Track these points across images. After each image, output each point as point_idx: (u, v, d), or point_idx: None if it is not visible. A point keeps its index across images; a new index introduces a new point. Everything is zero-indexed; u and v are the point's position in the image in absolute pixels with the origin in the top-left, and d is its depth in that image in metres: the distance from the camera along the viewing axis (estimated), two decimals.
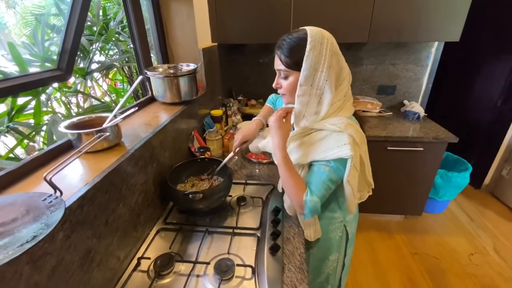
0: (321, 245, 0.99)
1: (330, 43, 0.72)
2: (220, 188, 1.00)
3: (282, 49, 0.75)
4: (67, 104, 1.63)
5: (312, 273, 1.06)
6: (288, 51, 0.74)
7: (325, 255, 1.01)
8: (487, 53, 2.43)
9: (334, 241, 0.98)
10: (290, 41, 0.74)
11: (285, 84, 0.79)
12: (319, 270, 1.05)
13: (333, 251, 1.00)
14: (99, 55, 1.85)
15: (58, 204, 0.54)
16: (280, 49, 0.76)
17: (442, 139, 1.77)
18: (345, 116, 0.78)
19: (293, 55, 0.73)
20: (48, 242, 0.53)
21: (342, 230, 0.97)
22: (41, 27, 1.50)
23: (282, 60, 0.75)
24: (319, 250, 1.01)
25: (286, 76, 0.78)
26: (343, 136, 0.73)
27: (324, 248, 1.00)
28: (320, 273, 1.05)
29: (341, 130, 0.73)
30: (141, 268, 0.81)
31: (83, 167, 0.74)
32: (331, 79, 0.73)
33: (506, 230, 2.16)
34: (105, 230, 0.70)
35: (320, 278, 1.06)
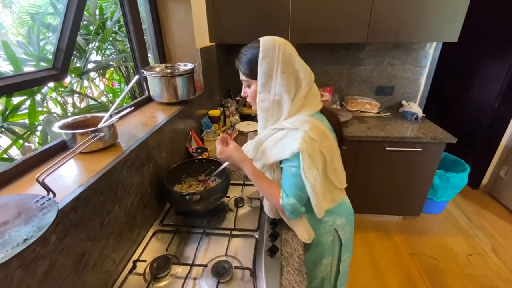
0: (313, 248, 0.98)
1: (282, 49, 0.76)
2: (218, 189, 0.99)
3: (240, 61, 0.82)
4: (63, 104, 1.61)
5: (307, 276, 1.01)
6: (245, 63, 0.81)
7: (317, 259, 1.00)
8: (484, 54, 2.44)
9: (325, 245, 0.97)
10: (246, 53, 0.81)
11: (249, 92, 0.85)
12: (312, 274, 1.04)
13: (325, 255, 0.99)
14: (95, 54, 1.83)
15: (51, 206, 0.53)
16: (239, 61, 0.83)
17: (440, 139, 1.76)
18: (307, 113, 0.80)
19: (249, 65, 0.79)
20: (40, 245, 0.52)
21: (333, 234, 0.95)
22: (37, 26, 1.49)
23: (241, 71, 0.83)
24: (311, 253, 1.00)
25: (248, 85, 0.84)
26: (297, 133, 0.75)
27: (316, 251, 0.98)
28: (314, 277, 1.04)
29: (296, 128, 0.76)
30: (137, 271, 0.79)
31: (77, 168, 0.72)
32: (287, 84, 0.76)
33: (504, 230, 2.17)
34: (100, 232, 0.69)
35: (315, 283, 1.05)
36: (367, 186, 1.99)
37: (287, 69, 0.76)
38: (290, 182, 0.78)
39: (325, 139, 0.79)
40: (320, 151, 0.76)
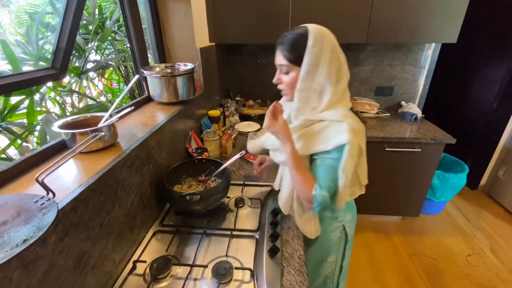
0: (320, 246, 0.98)
1: (331, 39, 0.74)
2: (218, 189, 0.98)
3: (284, 45, 0.76)
4: (61, 104, 1.60)
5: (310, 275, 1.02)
6: (290, 47, 0.75)
7: (323, 256, 1.01)
8: (483, 55, 2.45)
9: (332, 242, 0.98)
10: (292, 37, 0.76)
11: (286, 79, 0.79)
12: (317, 272, 1.04)
13: (331, 253, 1.00)
14: (94, 54, 1.82)
15: (51, 206, 0.53)
16: (282, 44, 0.77)
17: (439, 140, 1.77)
18: (345, 108, 0.79)
19: (295, 51, 0.74)
20: (40, 245, 0.51)
21: (341, 231, 0.97)
22: (35, 25, 1.48)
23: (284, 56, 0.76)
24: (317, 251, 1.00)
25: (287, 72, 0.78)
26: (342, 125, 0.73)
27: (323, 249, 0.99)
28: (317, 276, 1.04)
29: (339, 120, 0.74)
30: (137, 272, 0.79)
31: (77, 168, 0.72)
32: (331, 75, 0.74)
33: (502, 231, 2.17)
34: (100, 232, 0.68)
35: (318, 281, 1.05)
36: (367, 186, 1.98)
37: (333, 59, 0.74)
38: (326, 175, 0.76)
39: (363, 134, 0.77)
40: (360, 146, 0.74)
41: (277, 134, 0.77)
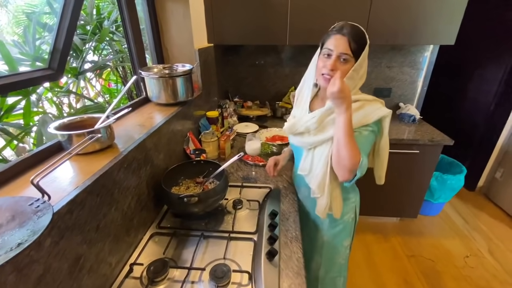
0: (335, 232, 1.06)
1: None
2: (216, 191, 0.98)
3: (353, 35, 0.80)
4: (58, 105, 1.59)
5: (325, 266, 1.11)
6: (357, 41, 0.81)
7: (338, 242, 1.08)
8: (481, 57, 2.47)
9: (347, 223, 1.05)
10: (359, 30, 0.82)
11: (342, 68, 0.82)
12: (332, 261, 1.10)
13: (346, 236, 1.07)
14: (92, 54, 1.82)
15: (46, 209, 0.52)
16: (350, 35, 0.80)
17: (437, 141, 1.77)
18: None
19: (360, 44, 0.81)
20: (35, 249, 0.50)
21: (354, 212, 1.05)
22: (33, 25, 1.47)
23: (351, 46, 0.81)
24: (333, 238, 1.07)
25: (346, 60, 0.82)
26: (377, 103, 0.88)
27: (338, 234, 1.06)
28: (333, 264, 1.11)
29: (371, 100, 0.88)
30: (134, 275, 0.78)
31: (73, 170, 0.71)
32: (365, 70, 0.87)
33: (500, 232, 2.18)
34: (96, 235, 0.67)
35: (333, 271, 1.12)
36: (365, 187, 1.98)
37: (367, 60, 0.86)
38: (366, 143, 0.85)
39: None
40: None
41: (346, 100, 0.77)
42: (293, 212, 1.05)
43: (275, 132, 1.82)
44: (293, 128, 0.98)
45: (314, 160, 0.95)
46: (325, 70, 0.84)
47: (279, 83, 2.28)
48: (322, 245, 1.07)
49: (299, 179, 1.10)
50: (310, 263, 1.14)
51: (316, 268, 1.12)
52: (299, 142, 0.99)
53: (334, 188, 0.94)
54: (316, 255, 1.11)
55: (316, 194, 0.96)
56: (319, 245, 1.09)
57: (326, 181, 0.92)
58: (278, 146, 1.59)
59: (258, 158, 1.43)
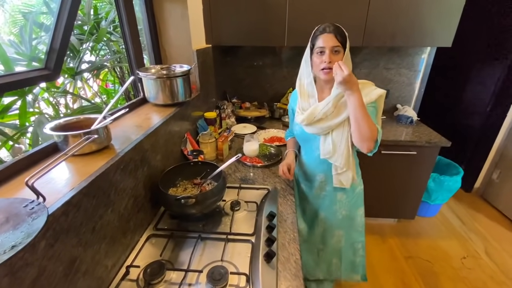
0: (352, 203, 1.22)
1: None
2: (213, 192, 0.97)
3: (337, 31, 0.96)
4: (55, 105, 1.57)
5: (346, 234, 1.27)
6: (341, 32, 0.97)
7: (355, 212, 1.24)
8: (477, 59, 2.48)
9: (360, 194, 1.22)
10: (338, 26, 0.98)
11: (336, 58, 0.97)
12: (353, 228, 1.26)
13: (360, 205, 1.24)
14: (89, 55, 1.80)
15: (41, 211, 0.51)
16: (336, 31, 0.96)
17: (435, 143, 1.78)
18: None
19: (342, 36, 0.97)
20: (29, 252, 0.50)
21: (362, 182, 1.23)
22: (29, 25, 1.45)
23: (338, 38, 0.96)
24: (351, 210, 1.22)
25: (338, 51, 0.97)
26: (370, 84, 1.07)
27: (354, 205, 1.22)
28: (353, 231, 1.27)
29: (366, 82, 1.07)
30: (130, 277, 0.77)
31: (69, 171, 0.70)
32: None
33: (496, 233, 2.19)
34: (92, 237, 0.67)
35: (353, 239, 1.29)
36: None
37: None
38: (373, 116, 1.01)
39: None
40: None
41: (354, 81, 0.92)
42: (291, 213, 1.04)
43: (273, 133, 1.82)
44: (311, 116, 1.06)
45: (335, 141, 1.07)
46: (323, 64, 0.98)
47: (277, 84, 2.28)
48: (342, 219, 1.23)
49: (313, 166, 1.21)
50: (331, 239, 1.29)
51: (338, 240, 1.28)
52: (317, 129, 1.08)
53: (354, 161, 1.13)
54: (337, 229, 1.27)
55: (341, 170, 1.10)
56: (339, 221, 1.24)
57: (350, 156, 1.08)
58: (276, 147, 1.59)
59: (256, 159, 1.43)
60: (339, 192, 1.19)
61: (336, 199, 1.21)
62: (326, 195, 1.22)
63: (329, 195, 1.22)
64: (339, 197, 1.20)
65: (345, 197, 1.20)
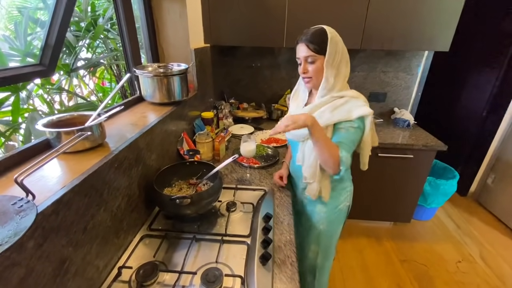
0: (332, 219, 1.13)
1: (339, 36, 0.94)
2: (209, 193, 0.95)
3: (310, 40, 0.91)
4: (49, 102, 1.55)
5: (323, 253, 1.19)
6: (314, 40, 0.91)
7: (334, 229, 1.16)
8: (474, 64, 2.50)
9: (342, 212, 1.13)
10: (314, 31, 0.92)
11: (312, 68, 0.94)
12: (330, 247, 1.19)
13: (340, 223, 1.16)
14: (86, 52, 1.78)
15: (29, 209, 0.50)
16: (308, 39, 0.91)
17: (431, 146, 1.78)
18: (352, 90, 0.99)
19: (320, 43, 0.90)
20: (16, 251, 0.48)
21: (349, 200, 1.13)
22: (24, 20, 1.43)
23: (311, 48, 0.91)
24: (330, 226, 1.14)
25: (313, 61, 0.93)
26: (359, 101, 0.94)
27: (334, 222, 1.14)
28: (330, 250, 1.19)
29: (356, 97, 0.95)
30: (122, 279, 0.75)
31: (61, 169, 0.68)
32: (344, 62, 0.94)
33: (491, 237, 2.20)
34: (83, 237, 0.65)
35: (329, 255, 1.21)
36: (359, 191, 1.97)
37: (344, 51, 0.94)
38: (350, 139, 0.92)
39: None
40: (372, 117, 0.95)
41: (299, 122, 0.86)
42: (287, 215, 1.03)
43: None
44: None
45: (306, 151, 1.04)
46: (302, 75, 0.98)
47: (275, 85, 2.28)
48: (319, 234, 1.15)
49: (297, 170, 1.15)
50: (307, 253, 1.22)
51: (313, 257, 1.20)
52: (294, 135, 1.07)
53: (324, 176, 1.04)
54: (313, 244, 1.18)
55: (308, 180, 1.05)
56: (316, 234, 1.16)
57: (317, 169, 1.01)
58: (273, 148, 1.58)
59: (253, 160, 1.42)
60: (318, 204, 1.12)
61: (315, 210, 1.14)
62: (307, 203, 1.17)
63: (310, 204, 1.16)
64: (318, 209, 1.12)
65: (325, 211, 1.11)
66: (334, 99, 0.95)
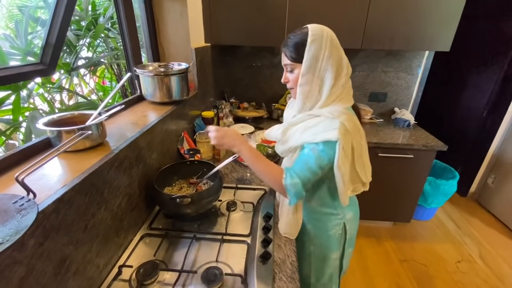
0: (322, 243, 0.99)
1: (330, 36, 0.78)
2: (209, 192, 0.96)
3: (287, 46, 0.81)
4: (50, 101, 1.55)
5: (315, 274, 1.06)
6: (293, 47, 0.79)
7: (326, 254, 1.01)
8: (475, 65, 2.50)
9: (334, 238, 0.98)
10: (294, 38, 0.80)
11: (291, 77, 0.83)
12: (322, 270, 1.04)
13: (334, 250, 1.00)
14: (86, 51, 1.78)
15: (30, 208, 0.50)
16: (286, 46, 0.82)
17: (431, 146, 1.78)
18: (343, 106, 0.81)
19: (297, 50, 0.78)
20: (17, 250, 0.48)
21: (342, 228, 0.97)
22: (25, 18, 1.43)
23: (287, 55, 0.81)
24: (320, 248, 1.00)
25: (292, 70, 0.83)
26: (334, 122, 0.75)
27: (325, 246, 0.99)
28: (323, 274, 1.05)
29: (333, 117, 0.75)
30: (122, 277, 0.75)
31: (62, 168, 0.69)
32: (331, 69, 0.77)
33: (491, 237, 2.20)
34: (84, 236, 0.65)
35: (324, 279, 1.06)
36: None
37: (333, 55, 0.77)
38: (304, 163, 0.77)
39: (358, 133, 0.80)
40: (352, 145, 0.76)
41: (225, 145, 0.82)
42: None
43: None
44: (269, 134, 1.06)
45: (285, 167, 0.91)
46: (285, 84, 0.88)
47: (276, 85, 2.28)
48: (310, 254, 1.03)
49: None
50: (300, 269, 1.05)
51: (307, 275, 1.08)
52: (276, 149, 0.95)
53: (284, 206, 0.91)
54: (305, 263, 1.06)
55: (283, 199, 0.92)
56: (307, 254, 1.04)
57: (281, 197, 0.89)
58: (273, 148, 1.58)
59: None
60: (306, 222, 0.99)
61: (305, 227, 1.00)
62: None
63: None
64: (308, 228, 1.00)
65: (313, 232, 0.99)
66: (310, 117, 0.81)
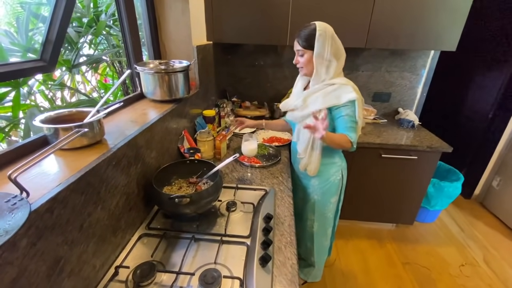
0: (324, 191, 1.30)
1: (331, 31, 1.10)
2: (209, 192, 0.94)
3: (300, 36, 1.11)
4: (51, 99, 1.54)
5: (318, 220, 1.38)
6: (304, 37, 1.10)
7: (327, 199, 1.32)
8: (481, 65, 2.46)
9: (334, 183, 1.29)
10: (305, 31, 1.10)
11: (301, 60, 1.15)
12: (324, 215, 1.36)
13: (333, 194, 1.32)
14: (88, 48, 1.77)
15: (22, 207, 0.48)
16: (299, 36, 1.12)
17: (436, 148, 1.75)
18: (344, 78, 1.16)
19: (307, 40, 1.09)
20: (8, 250, 0.47)
21: (340, 174, 1.29)
22: (26, 14, 1.42)
23: (300, 43, 1.12)
24: (323, 195, 1.32)
25: (302, 54, 1.14)
26: (347, 87, 1.11)
27: (327, 191, 1.30)
28: (325, 218, 1.37)
29: (345, 84, 1.12)
30: (119, 278, 0.74)
31: (58, 166, 0.67)
32: (334, 54, 1.10)
33: (495, 241, 2.16)
34: (79, 236, 0.63)
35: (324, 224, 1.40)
36: (361, 192, 1.96)
37: (333, 44, 1.09)
38: (351, 121, 1.10)
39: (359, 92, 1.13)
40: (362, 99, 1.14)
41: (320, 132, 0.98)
42: (288, 216, 1.01)
43: (272, 133, 1.79)
44: (285, 105, 1.31)
45: (301, 130, 1.24)
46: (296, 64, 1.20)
47: (278, 84, 2.25)
48: (314, 203, 1.34)
49: (295, 146, 1.35)
50: (306, 222, 1.43)
51: (311, 225, 1.40)
52: (292, 116, 1.28)
53: (313, 153, 1.22)
54: (310, 213, 1.38)
55: (301, 156, 1.27)
56: (311, 204, 1.36)
57: (309, 146, 1.21)
58: (275, 147, 1.56)
59: (254, 159, 1.40)
60: (312, 178, 1.30)
61: (310, 183, 1.33)
62: (303, 177, 1.37)
63: (306, 178, 1.35)
64: (313, 182, 1.32)
65: (318, 183, 1.30)
66: (326, 86, 1.13)
